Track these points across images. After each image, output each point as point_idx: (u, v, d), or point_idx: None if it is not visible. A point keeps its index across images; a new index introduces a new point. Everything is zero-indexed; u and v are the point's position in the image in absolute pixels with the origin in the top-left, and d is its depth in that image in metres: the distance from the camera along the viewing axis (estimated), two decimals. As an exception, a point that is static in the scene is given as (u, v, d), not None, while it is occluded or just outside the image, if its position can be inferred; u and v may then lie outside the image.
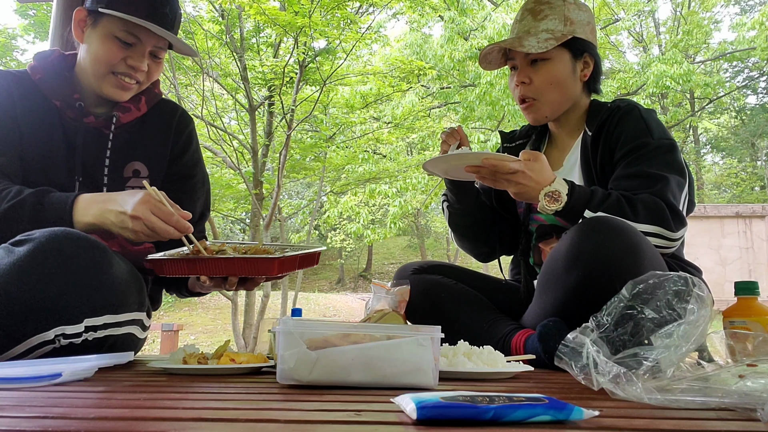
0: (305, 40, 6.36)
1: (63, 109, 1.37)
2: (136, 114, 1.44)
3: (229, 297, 6.74)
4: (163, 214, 1.13)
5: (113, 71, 1.33)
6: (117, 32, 1.31)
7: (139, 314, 1.25)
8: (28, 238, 1.03)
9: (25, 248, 1.01)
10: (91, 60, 1.34)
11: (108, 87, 1.35)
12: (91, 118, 1.38)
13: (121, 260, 1.18)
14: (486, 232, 1.64)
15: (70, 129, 1.37)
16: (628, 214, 1.23)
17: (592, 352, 0.68)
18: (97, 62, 1.33)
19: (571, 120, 1.54)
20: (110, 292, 1.11)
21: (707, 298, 0.78)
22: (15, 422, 0.50)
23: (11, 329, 0.98)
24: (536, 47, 1.43)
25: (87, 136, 1.38)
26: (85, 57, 1.36)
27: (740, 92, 16.25)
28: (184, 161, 1.52)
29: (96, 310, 1.08)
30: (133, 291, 1.21)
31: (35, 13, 6.99)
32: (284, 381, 0.80)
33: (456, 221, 1.63)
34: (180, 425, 0.50)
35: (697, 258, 4.67)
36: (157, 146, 1.47)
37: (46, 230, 1.05)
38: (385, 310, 1.24)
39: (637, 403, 0.63)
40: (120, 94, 1.36)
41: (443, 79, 9.79)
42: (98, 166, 1.39)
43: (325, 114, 8.45)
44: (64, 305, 1.02)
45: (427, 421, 0.50)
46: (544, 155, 1.29)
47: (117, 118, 1.40)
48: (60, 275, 1.01)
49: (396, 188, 8.95)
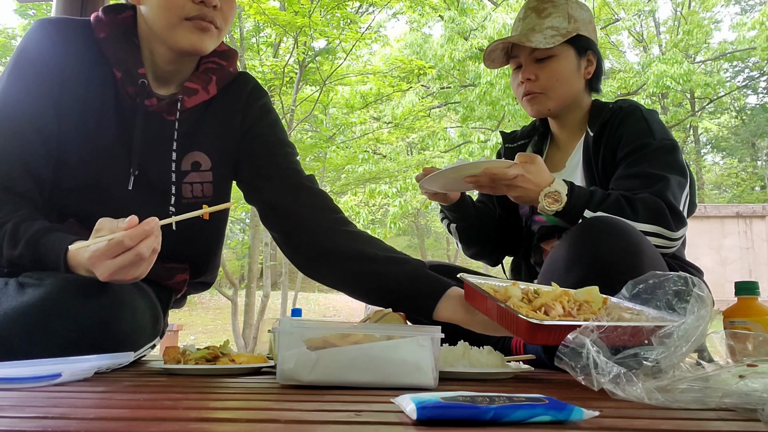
0: (305, 40, 6.37)
1: (124, 82, 1.15)
2: (204, 97, 1.22)
3: (229, 297, 6.74)
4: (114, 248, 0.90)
5: (185, 16, 1.11)
6: None
7: (152, 342, 1.18)
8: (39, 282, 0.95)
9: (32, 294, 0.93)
10: (157, 13, 1.12)
11: (185, 36, 1.12)
12: (153, 100, 1.17)
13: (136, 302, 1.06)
14: (493, 238, 1.65)
15: (126, 108, 1.17)
16: (628, 214, 1.23)
17: (593, 352, 0.68)
18: (165, 10, 1.11)
19: (572, 120, 1.54)
20: (117, 347, 1.00)
21: (707, 298, 0.78)
22: (15, 422, 0.50)
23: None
24: (543, 43, 1.43)
25: (148, 122, 1.17)
26: (150, 14, 1.14)
27: (740, 92, 16.25)
28: (260, 131, 1.29)
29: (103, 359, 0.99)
30: (147, 331, 1.11)
31: (35, 13, 6.99)
32: (284, 381, 0.80)
33: (464, 237, 1.63)
34: (180, 425, 0.50)
35: (697, 258, 4.66)
36: (222, 131, 1.26)
37: (58, 276, 0.97)
38: (384, 310, 1.24)
39: (637, 404, 0.63)
40: (201, 40, 1.13)
41: (443, 78, 9.78)
42: (159, 159, 1.19)
43: (325, 114, 8.46)
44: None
45: (427, 421, 0.50)
46: (547, 156, 1.30)
47: (182, 102, 1.19)
48: (65, 333, 0.94)
49: (396, 188, 8.95)
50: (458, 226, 1.61)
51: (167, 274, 1.28)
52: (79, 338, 0.95)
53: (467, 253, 1.69)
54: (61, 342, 0.93)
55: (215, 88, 1.24)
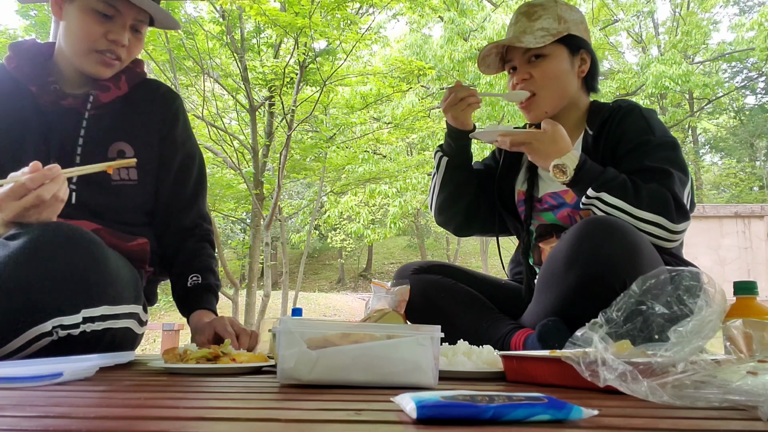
0: (305, 41, 6.37)
1: (39, 95, 1.34)
2: (117, 93, 1.40)
3: (230, 296, 6.74)
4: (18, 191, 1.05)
5: (95, 49, 1.30)
6: (95, 4, 1.27)
7: (136, 307, 1.25)
8: (22, 231, 1.03)
9: (19, 242, 1.01)
10: (71, 37, 1.31)
11: (90, 64, 1.32)
12: (69, 100, 1.35)
13: (116, 254, 1.17)
14: (466, 201, 1.62)
15: (47, 113, 1.34)
16: (631, 198, 1.24)
17: (600, 348, 0.68)
18: (77, 39, 1.30)
19: (571, 120, 1.54)
20: (106, 284, 1.11)
21: (718, 293, 0.78)
22: (16, 422, 0.50)
23: (8, 323, 0.99)
24: (534, 42, 1.45)
25: (64, 118, 1.34)
26: (65, 34, 1.32)
27: (739, 92, 16.26)
28: (174, 137, 1.48)
29: (93, 301, 1.08)
30: (130, 284, 1.21)
31: (36, 14, 6.99)
32: (284, 381, 0.80)
33: (447, 178, 1.60)
34: (180, 425, 0.50)
35: (696, 258, 4.66)
36: (143, 126, 1.43)
37: (41, 223, 1.06)
38: (385, 310, 1.24)
39: (637, 402, 0.63)
40: (102, 70, 1.33)
41: (443, 79, 9.78)
42: (74, 146, 1.35)
43: (325, 114, 8.46)
44: (60, 297, 1.02)
45: (426, 420, 0.50)
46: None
47: (94, 97, 1.37)
48: (56, 268, 1.01)
49: (396, 188, 8.96)
50: (449, 162, 1.59)
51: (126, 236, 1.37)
52: (71, 274, 1.03)
53: (437, 206, 1.64)
54: (54, 277, 1.01)
55: (126, 85, 1.42)
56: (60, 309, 1.03)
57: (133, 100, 1.43)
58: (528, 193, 1.56)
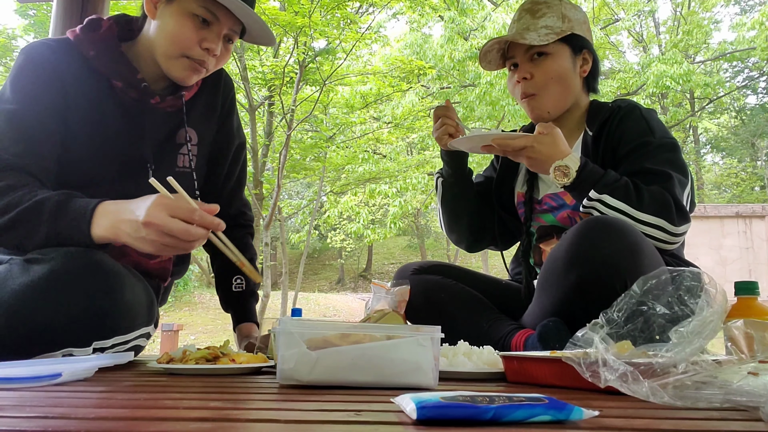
0: (305, 40, 6.37)
1: (125, 90, 1.26)
2: (195, 89, 1.39)
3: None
4: (183, 212, 0.97)
5: (187, 55, 1.23)
6: (195, 9, 1.21)
7: (147, 328, 1.23)
8: (43, 257, 1.01)
9: (41, 269, 0.99)
10: (164, 39, 1.23)
11: (177, 69, 1.25)
12: (157, 98, 1.29)
13: (134, 280, 1.14)
14: (473, 218, 1.64)
15: (133, 112, 1.28)
16: (633, 201, 1.23)
17: (601, 349, 0.68)
18: (171, 42, 1.22)
19: (571, 120, 1.54)
20: (121, 316, 1.08)
21: (719, 294, 0.78)
22: (15, 422, 0.50)
23: (18, 348, 0.97)
24: (538, 40, 1.44)
25: (156, 119, 1.31)
26: (157, 34, 1.25)
27: (740, 92, 16.26)
28: (231, 124, 1.50)
29: (106, 333, 1.06)
30: (144, 310, 1.17)
31: (35, 13, 6.99)
32: (284, 381, 0.80)
33: (447, 197, 1.62)
34: (180, 425, 0.50)
35: (697, 258, 4.66)
36: (207, 112, 1.43)
37: (61, 251, 1.02)
38: (385, 310, 1.24)
39: (637, 403, 0.63)
40: (188, 76, 1.27)
41: (443, 79, 9.79)
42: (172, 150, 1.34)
43: (325, 114, 8.46)
44: (73, 331, 1.01)
45: (427, 421, 0.50)
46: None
47: (183, 97, 1.34)
48: (72, 302, 0.99)
49: (396, 188, 8.95)
50: (444, 182, 1.61)
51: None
52: (86, 309, 1.00)
53: (446, 225, 1.66)
54: (69, 312, 0.99)
55: (201, 79, 1.39)
56: (71, 341, 1.02)
57: (202, 87, 1.43)
58: (528, 195, 1.56)
